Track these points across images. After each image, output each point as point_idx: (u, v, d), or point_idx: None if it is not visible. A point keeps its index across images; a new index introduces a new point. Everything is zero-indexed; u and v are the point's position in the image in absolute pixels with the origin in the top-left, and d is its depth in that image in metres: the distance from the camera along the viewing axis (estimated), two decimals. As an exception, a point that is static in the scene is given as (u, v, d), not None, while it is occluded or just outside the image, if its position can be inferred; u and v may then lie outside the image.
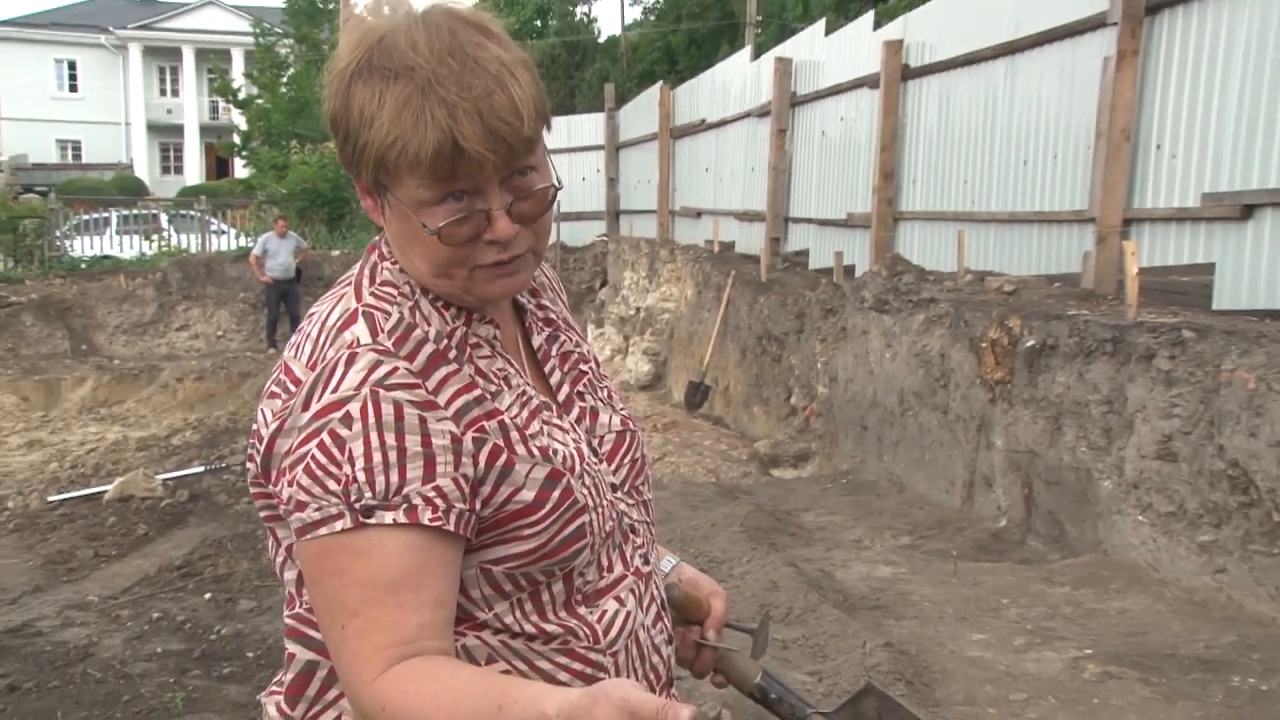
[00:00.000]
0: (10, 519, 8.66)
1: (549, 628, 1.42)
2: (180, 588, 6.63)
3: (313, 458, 1.30)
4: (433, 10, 1.36)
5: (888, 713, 1.47)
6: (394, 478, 1.29)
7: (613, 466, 1.52)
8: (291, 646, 1.47)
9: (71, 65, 50.24)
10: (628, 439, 1.56)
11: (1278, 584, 4.86)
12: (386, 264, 1.45)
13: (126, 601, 6.41)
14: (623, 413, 1.59)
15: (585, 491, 1.42)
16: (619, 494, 1.51)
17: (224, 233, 24.34)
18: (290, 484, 1.32)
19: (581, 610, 1.44)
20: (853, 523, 7.08)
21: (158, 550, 7.48)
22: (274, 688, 1.51)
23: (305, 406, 1.32)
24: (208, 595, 6.46)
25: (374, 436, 1.29)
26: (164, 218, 26.08)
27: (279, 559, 1.48)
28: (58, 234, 23.63)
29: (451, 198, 1.34)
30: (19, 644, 5.69)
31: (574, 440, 1.46)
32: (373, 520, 1.29)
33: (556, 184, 1.41)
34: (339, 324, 1.38)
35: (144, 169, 47.43)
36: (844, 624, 4.95)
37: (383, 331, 1.35)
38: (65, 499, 9.44)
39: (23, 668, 5.38)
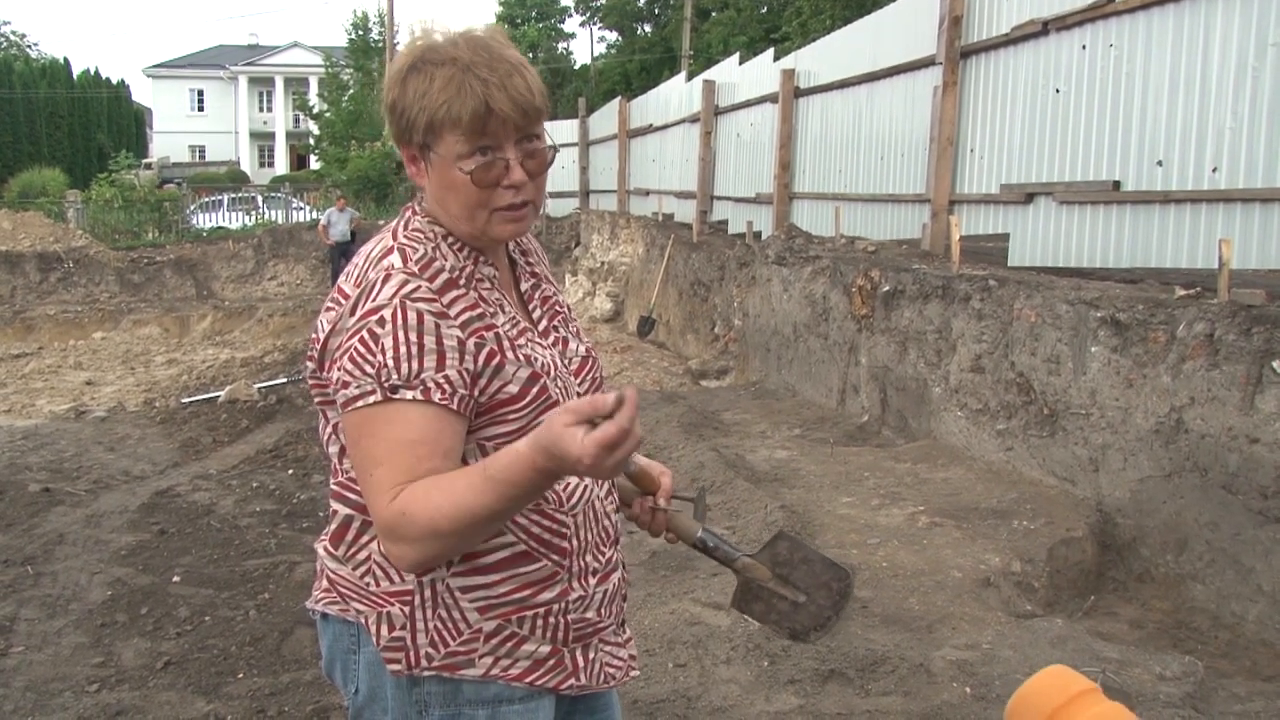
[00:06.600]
0: (157, 414, 8.68)
1: None
2: (271, 465, 6.58)
3: (354, 349, 1.29)
4: (467, 28, 1.37)
5: (795, 550, 1.46)
6: (414, 365, 1.28)
7: (578, 380, 1.49)
8: (334, 505, 1.46)
9: (200, 93, 51.49)
10: (590, 363, 1.54)
11: (1045, 458, 4.93)
12: (417, 218, 1.42)
13: (235, 474, 6.36)
14: (587, 344, 1.57)
15: (557, 390, 1.40)
16: None
17: (301, 209, 24.26)
18: (338, 369, 1.30)
19: None
20: (759, 419, 7.09)
21: (255, 438, 7.42)
22: (323, 536, 1.50)
23: (352, 313, 1.31)
24: (290, 471, 6.41)
25: (400, 334, 1.28)
26: (260, 199, 26.07)
27: (326, 436, 1.45)
28: (187, 212, 23.66)
29: (479, 152, 1.33)
30: (165, 501, 5.72)
31: (550, 355, 1.44)
32: (397, 396, 1.27)
33: (555, 148, 1.41)
34: (379, 255, 1.36)
35: (247, 164, 47.76)
36: (751, 492, 4.97)
37: (411, 260, 1.34)
38: (193, 401, 9.36)
39: (168, 518, 5.42)
